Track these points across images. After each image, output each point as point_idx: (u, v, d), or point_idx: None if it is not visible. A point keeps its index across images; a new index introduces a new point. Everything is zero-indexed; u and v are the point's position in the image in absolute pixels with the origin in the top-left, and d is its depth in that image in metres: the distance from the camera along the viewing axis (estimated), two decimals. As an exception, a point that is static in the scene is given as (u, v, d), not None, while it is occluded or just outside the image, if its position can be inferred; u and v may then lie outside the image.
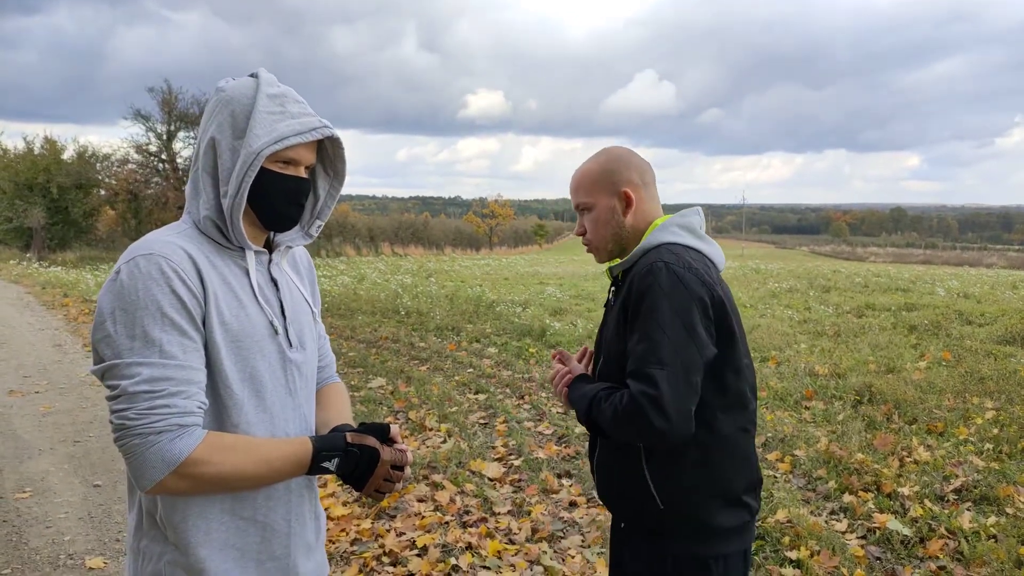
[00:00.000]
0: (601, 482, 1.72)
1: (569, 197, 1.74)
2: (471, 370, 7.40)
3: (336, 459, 1.33)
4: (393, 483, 1.39)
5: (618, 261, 1.71)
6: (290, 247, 1.48)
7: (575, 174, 1.71)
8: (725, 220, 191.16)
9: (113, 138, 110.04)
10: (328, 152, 1.47)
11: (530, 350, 8.26)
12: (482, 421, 5.62)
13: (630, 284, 1.53)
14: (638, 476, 1.57)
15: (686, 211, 1.67)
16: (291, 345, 1.40)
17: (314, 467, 1.32)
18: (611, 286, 1.75)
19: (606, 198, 1.65)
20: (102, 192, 30.53)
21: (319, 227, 1.50)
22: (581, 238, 1.74)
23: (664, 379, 1.41)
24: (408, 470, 1.41)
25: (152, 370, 1.18)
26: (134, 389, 1.17)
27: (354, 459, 1.34)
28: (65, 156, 29.55)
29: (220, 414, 1.30)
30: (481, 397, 6.29)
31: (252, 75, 1.35)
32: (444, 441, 5.07)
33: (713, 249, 1.63)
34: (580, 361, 1.77)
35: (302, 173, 1.37)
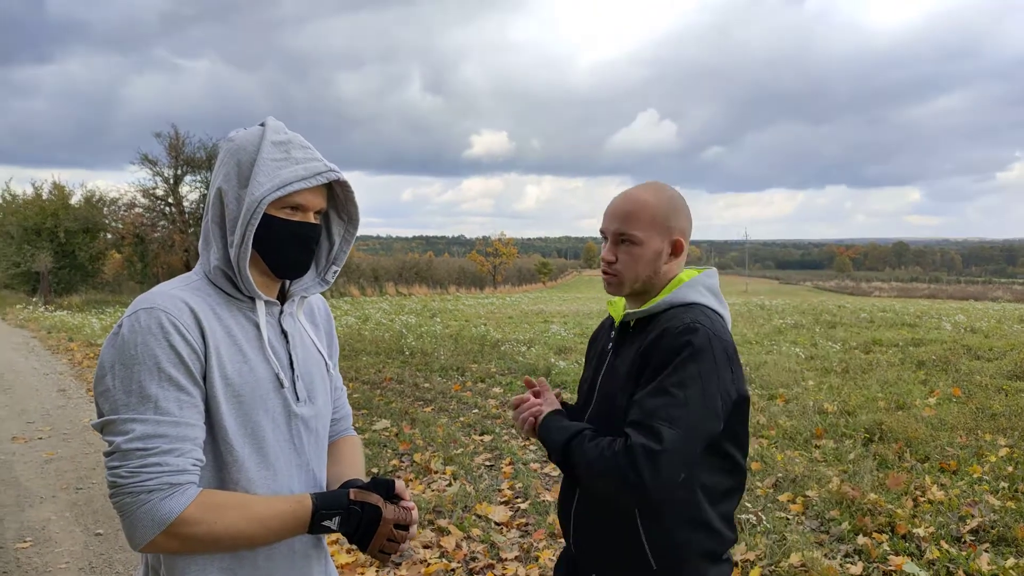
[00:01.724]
0: (580, 534, 1.63)
1: (608, 225, 1.61)
2: (476, 411, 7.33)
3: (338, 517, 1.28)
4: (398, 543, 1.33)
5: (629, 306, 1.65)
6: (305, 297, 1.45)
7: (627, 201, 1.59)
8: (728, 256, 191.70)
9: (121, 183, 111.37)
10: (339, 196, 1.45)
11: (535, 390, 8.19)
12: (488, 463, 5.55)
13: (659, 336, 1.48)
14: (631, 533, 1.51)
15: (709, 271, 1.64)
16: (298, 399, 1.37)
17: (315, 525, 1.27)
18: (613, 329, 1.69)
19: (658, 239, 1.58)
20: (108, 236, 30.84)
21: (335, 272, 1.48)
22: (604, 263, 1.62)
23: (669, 438, 1.36)
24: (414, 528, 1.36)
25: (146, 427, 1.17)
26: (127, 446, 1.16)
27: (356, 517, 1.29)
28: (73, 201, 29.93)
29: (220, 471, 1.28)
30: (487, 438, 6.23)
31: (261, 124, 1.35)
32: (449, 484, 5.00)
33: (728, 313, 1.63)
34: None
35: (311, 219, 1.35)
